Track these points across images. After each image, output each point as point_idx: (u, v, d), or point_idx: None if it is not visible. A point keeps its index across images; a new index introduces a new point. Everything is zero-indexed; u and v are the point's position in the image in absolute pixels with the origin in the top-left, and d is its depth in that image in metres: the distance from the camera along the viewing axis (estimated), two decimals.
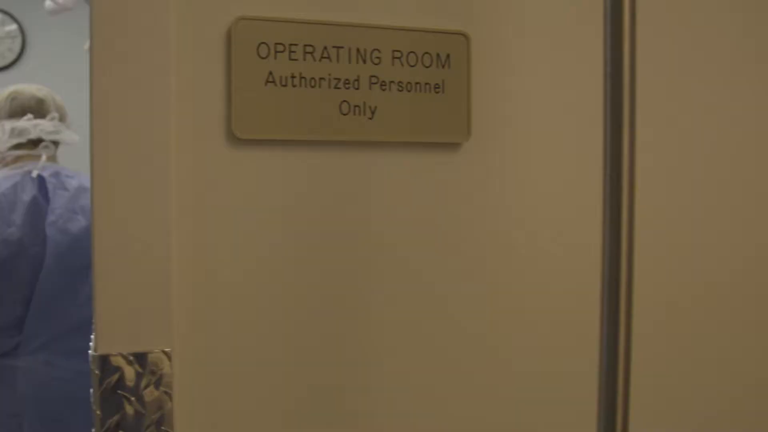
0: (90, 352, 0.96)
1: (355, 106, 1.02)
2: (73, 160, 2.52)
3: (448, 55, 1.06)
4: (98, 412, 0.94)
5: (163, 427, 0.96)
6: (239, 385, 1.01)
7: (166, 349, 0.95)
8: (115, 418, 0.94)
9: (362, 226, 1.05)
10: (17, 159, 2.36)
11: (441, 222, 1.08)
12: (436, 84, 1.05)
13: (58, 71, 4.26)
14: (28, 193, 2.28)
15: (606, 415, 0.72)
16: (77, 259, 2.30)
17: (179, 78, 0.97)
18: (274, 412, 1.03)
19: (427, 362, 1.09)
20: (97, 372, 0.94)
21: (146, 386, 0.95)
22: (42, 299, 2.26)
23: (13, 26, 5.13)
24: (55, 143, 2.40)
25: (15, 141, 2.33)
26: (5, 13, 5.13)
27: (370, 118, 1.03)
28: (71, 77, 2.69)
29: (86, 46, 2.57)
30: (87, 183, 2.38)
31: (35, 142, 2.36)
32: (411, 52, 1.04)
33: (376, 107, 1.03)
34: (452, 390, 1.10)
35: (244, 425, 1.02)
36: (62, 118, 2.41)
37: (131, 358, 0.94)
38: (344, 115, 1.02)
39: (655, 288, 1.17)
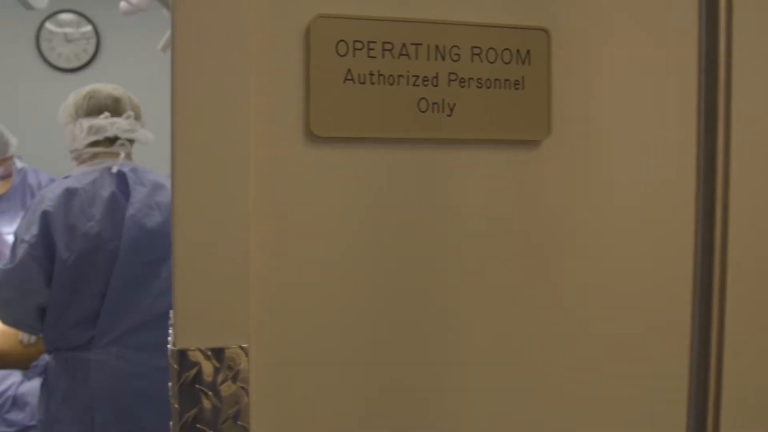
0: (169, 346, 0.97)
1: (434, 103, 1.01)
2: (144, 158, 2.56)
3: (528, 51, 1.04)
4: (176, 406, 0.95)
5: (239, 422, 0.96)
6: (314, 382, 1.01)
7: (243, 345, 0.95)
8: (193, 411, 0.95)
9: (440, 225, 1.03)
10: (94, 156, 2.40)
11: (519, 220, 1.06)
12: (516, 81, 1.03)
13: (131, 71, 4.33)
14: (106, 189, 2.32)
15: (696, 416, 0.69)
16: (151, 253, 2.34)
17: (258, 76, 0.97)
18: (349, 410, 1.02)
19: (506, 362, 1.07)
20: (175, 366, 0.94)
21: (223, 381, 0.95)
22: (116, 293, 2.29)
23: (88, 27, 5.23)
24: (130, 141, 2.44)
25: (92, 138, 2.37)
26: (80, 15, 5.24)
27: (449, 116, 1.02)
28: (144, 77, 2.73)
29: (159, 45, 2.63)
30: (162, 180, 2.42)
31: (111, 140, 2.40)
32: (490, 48, 1.03)
33: (454, 104, 1.02)
34: (533, 391, 1.08)
35: (318, 421, 1.01)
36: (137, 117, 2.45)
37: (209, 353, 0.94)
38: (423, 112, 1.01)
39: (749, 290, 1.12)
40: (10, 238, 3.31)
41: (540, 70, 1.04)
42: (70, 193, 2.28)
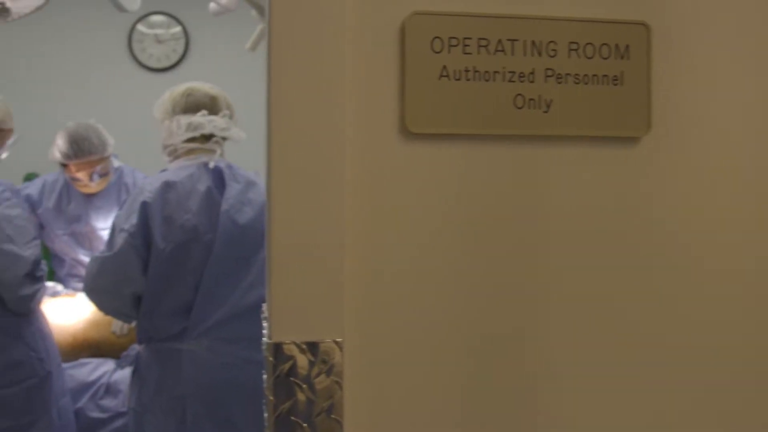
0: (264, 339, 0.97)
1: (530, 99, 0.99)
2: (230, 155, 2.60)
3: (627, 46, 1.01)
4: (271, 398, 0.95)
5: (332, 416, 0.95)
6: (406, 378, 1.00)
7: (338, 339, 0.95)
8: (287, 404, 0.95)
9: (534, 223, 1.01)
10: (189, 152, 2.45)
11: (617, 219, 1.03)
12: (615, 76, 1.01)
13: (219, 70, 4.40)
14: (203, 184, 2.36)
15: None
16: (243, 248, 2.38)
17: (354, 73, 0.96)
18: (441, 407, 1.01)
19: (602, 364, 1.04)
20: (271, 359, 0.94)
21: (317, 374, 0.95)
22: (209, 285, 2.34)
23: (178, 28, 5.34)
24: (224, 139, 2.48)
25: (189, 135, 2.42)
26: (170, 16, 5.34)
27: (545, 112, 1.00)
28: (232, 76, 2.76)
29: (248, 45, 2.66)
30: (254, 177, 2.46)
31: (207, 137, 2.45)
32: (588, 43, 1.00)
33: (551, 101, 1.00)
34: (629, 393, 1.05)
35: (410, 417, 1.00)
36: (231, 116, 2.49)
37: (304, 346, 0.94)
38: (519, 108, 0.99)
39: None
40: (105, 234, 3.39)
41: (639, 66, 1.01)
42: (168, 186, 2.33)
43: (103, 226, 3.41)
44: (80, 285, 3.41)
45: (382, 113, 0.97)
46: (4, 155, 2.81)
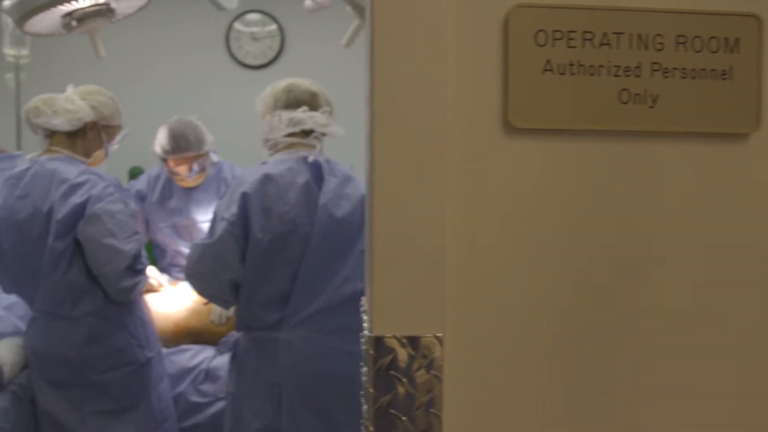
0: (365, 332, 0.96)
1: (636, 94, 0.96)
2: (327, 150, 2.61)
3: (737, 39, 0.96)
4: (371, 391, 0.94)
5: (432, 410, 0.94)
6: (506, 374, 0.98)
7: (438, 334, 0.93)
8: (387, 397, 0.94)
9: (637, 221, 0.98)
10: (289, 146, 2.48)
11: (724, 218, 0.99)
12: (724, 70, 0.96)
13: (315, 67, 4.43)
14: (302, 177, 2.39)
15: None
16: (340, 242, 2.40)
17: (456, 67, 0.94)
18: (540, 406, 0.99)
19: (707, 366, 1.00)
20: (371, 352, 0.94)
21: (418, 369, 0.94)
22: (306, 277, 2.37)
23: (274, 26, 5.40)
24: (323, 135, 2.50)
25: (290, 130, 2.45)
26: (266, 14, 5.41)
27: (651, 107, 0.96)
28: (327, 72, 2.77)
29: (343, 41, 2.67)
30: (350, 172, 2.48)
31: (307, 133, 2.47)
32: (696, 36, 0.96)
33: (657, 95, 0.96)
34: (729, 398, 1.01)
35: (510, 414, 0.98)
36: (331, 112, 2.51)
37: (404, 340, 0.93)
38: (624, 104, 0.96)
39: None
40: (204, 226, 3.46)
41: (750, 59, 0.97)
42: (267, 178, 2.37)
43: (203, 219, 3.47)
44: (182, 275, 3.49)
45: (484, 108, 0.95)
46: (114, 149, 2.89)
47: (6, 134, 4.27)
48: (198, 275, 2.48)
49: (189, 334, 3.17)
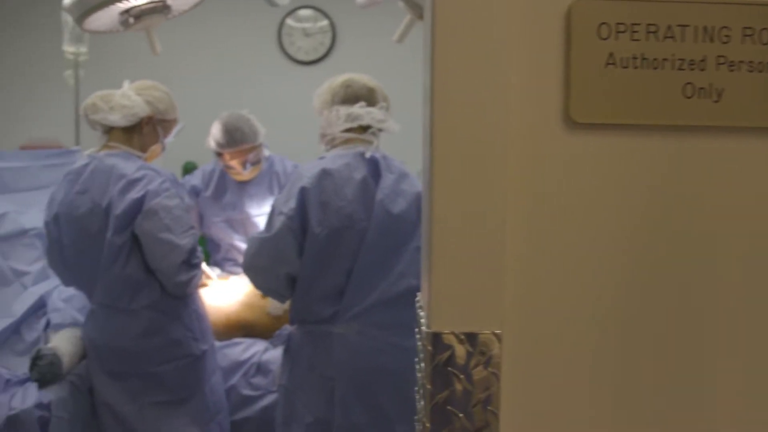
0: (423, 328, 0.95)
1: (700, 88, 0.93)
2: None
3: None
4: (429, 387, 0.93)
5: (489, 408, 0.93)
6: (565, 373, 0.96)
7: (497, 331, 0.92)
8: (445, 393, 0.93)
9: (703, 218, 0.95)
10: (347, 141, 2.48)
11: None
12: None
13: (366, 62, 4.43)
14: (359, 173, 2.39)
15: None
16: (396, 238, 2.40)
17: (517, 61, 0.93)
18: (599, 404, 0.97)
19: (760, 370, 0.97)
20: (429, 348, 0.92)
21: (476, 366, 0.92)
22: (362, 272, 2.37)
23: (325, 22, 5.41)
24: (380, 130, 2.50)
25: (348, 125, 2.45)
26: (318, 10, 5.42)
27: (716, 102, 0.93)
28: (378, 68, 2.77)
29: (395, 36, 2.65)
30: (405, 169, 2.47)
31: (364, 128, 2.47)
32: (764, 28, 0.93)
33: (723, 89, 0.93)
34: None
35: (568, 413, 0.97)
36: (387, 108, 2.50)
37: (462, 337, 0.92)
38: (688, 98, 0.93)
39: None
40: (257, 220, 3.48)
41: None
42: (325, 173, 2.37)
43: (256, 212, 3.50)
44: (236, 269, 3.52)
45: (545, 103, 0.94)
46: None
47: (65, 130, 4.34)
48: (255, 268, 2.49)
49: (241, 328, 3.19)
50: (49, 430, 2.57)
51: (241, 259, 3.48)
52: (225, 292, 3.28)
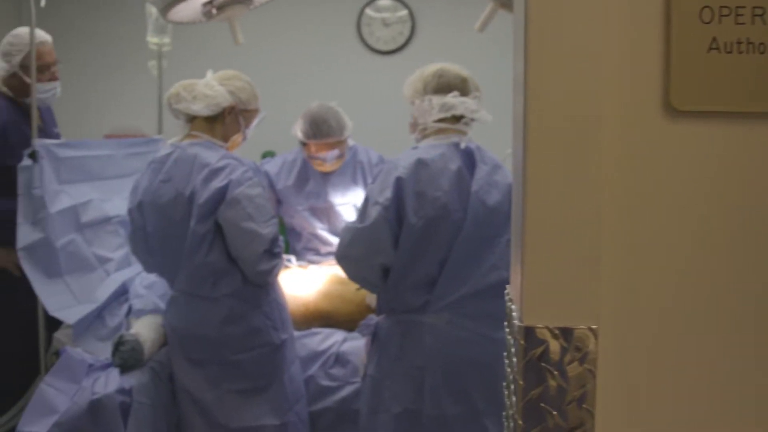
0: (514, 322, 0.93)
1: None
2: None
3: None
4: (521, 382, 0.91)
5: (584, 405, 0.90)
6: (664, 371, 0.92)
7: (593, 327, 0.89)
8: (538, 390, 0.90)
9: None
10: (439, 131, 2.47)
11: None
12: None
13: (445, 52, 4.39)
14: (454, 163, 2.38)
15: None
16: (490, 229, 2.39)
17: (615, 47, 0.90)
18: (701, 405, 0.93)
19: None
20: (522, 342, 0.90)
21: (570, 362, 0.90)
22: (455, 262, 2.37)
23: (404, 11, 5.39)
24: (472, 120, 2.48)
25: (441, 115, 2.44)
26: (397, 0, 5.40)
27: None
28: (457, 58, 2.73)
29: (477, 25, 2.62)
30: (498, 160, 2.45)
31: (457, 118, 2.45)
32: None
33: None
34: None
35: (667, 414, 0.93)
36: (480, 98, 2.48)
37: (557, 332, 0.89)
38: None
39: None
40: (340, 210, 3.49)
41: None
42: (421, 163, 2.37)
43: (340, 202, 3.51)
44: (316, 258, 3.53)
45: (644, 90, 0.90)
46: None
47: (148, 119, 4.42)
48: (349, 258, 2.50)
49: (319, 317, 3.21)
50: (130, 416, 2.61)
51: (322, 248, 3.51)
52: (304, 281, 3.29)
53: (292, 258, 3.49)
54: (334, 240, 3.54)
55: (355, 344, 3.06)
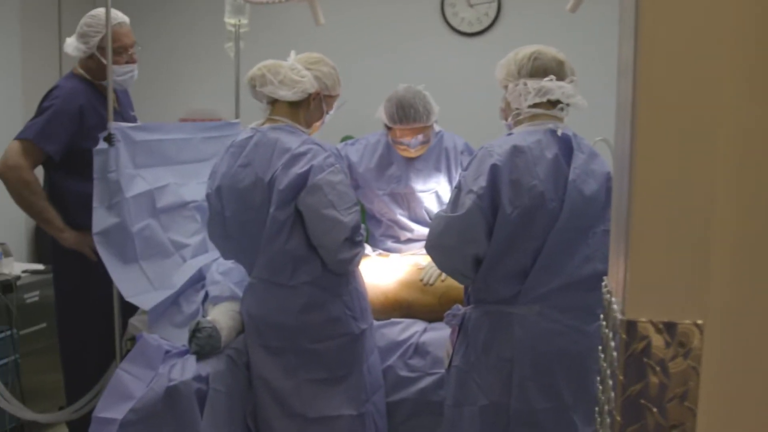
0: (616, 315, 0.94)
1: None
2: None
3: None
4: (621, 378, 0.92)
5: (686, 403, 0.91)
6: None
7: (698, 322, 0.89)
8: (638, 386, 0.91)
9: None
10: (533, 117, 2.45)
11: None
12: None
13: (532, 34, 4.38)
14: (550, 151, 2.37)
15: None
16: (585, 219, 2.37)
17: (732, 29, 0.89)
18: None
19: None
20: (623, 336, 0.91)
21: (673, 358, 0.90)
22: (549, 253, 2.36)
23: None
24: (567, 105, 2.46)
25: (537, 100, 2.42)
26: None
27: None
28: (545, 39, 2.71)
29: (569, 6, 2.59)
30: (591, 149, 2.43)
31: (552, 103, 2.44)
32: None
33: None
34: None
35: None
36: (576, 82, 2.45)
37: (660, 326, 0.90)
38: None
39: None
40: (423, 196, 3.49)
41: None
42: (517, 150, 2.36)
43: (422, 188, 3.51)
44: (395, 245, 3.55)
45: (762, 73, 0.90)
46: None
47: (225, 102, 4.49)
48: (441, 248, 2.49)
49: (399, 307, 3.21)
50: (206, 403, 2.66)
51: (402, 235, 3.51)
52: (384, 270, 3.31)
53: (369, 248, 3.51)
54: (415, 227, 3.55)
55: (435, 335, 3.07)
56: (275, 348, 2.79)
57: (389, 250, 3.56)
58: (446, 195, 3.49)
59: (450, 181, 3.51)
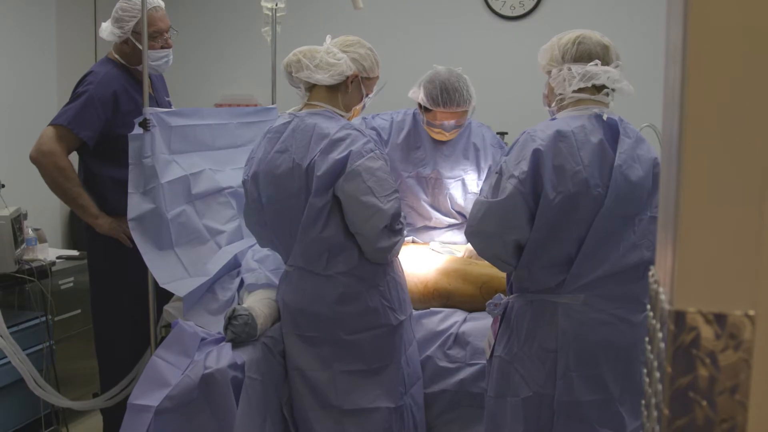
0: (664, 305, 0.93)
1: None
2: None
3: None
4: (669, 370, 0.91)
5: (736, 397, 0.90)
6: None
7: (750, 313, 0.89)
8: (687, 378, 0.91)
9: None
10: (578, 102, 2.44)
11: None
12: None
13: (576, 18, 4.35)
14: (595, 136, 2.36)
15: None
16: (631, 206, 2.36)
17: None
18: None
19: None
20: (671, 327, 0.91)
21: (723, 349, 0.89)
22: (594, 241, 2.35)
23: None
24: (613, 91, 2.44)
25: (582, 85, 2.41)
26: None
27: None
28: (589, 24, 2.69)
29: None
30: (638, 134, 2.43)
31: (597, 88, 2.43)
32: None
33: None
34: None
35: None
36: (621, 67, 2.44)
37: (710, 317, 0.89)
38: None
39: None
40: (449, 182, 3.48)
41: None
42: (560, 135, 2.35)
43: (449, 174, 3.48)
44: (410, 234, 3.52)
45: None
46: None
47: (262, 88, 4.50)
48: (481, 234, 2.47)
49: (438, 296, 3.21)
50: (242, 391, 2.68)
51: (418, 221, 3.50)
52: (423, 259, 3.31)
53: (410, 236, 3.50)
54: (435, 214, 3.53)
55: (476, 325, 3.07)
56: (311, 338, 2.80)
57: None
58: (472, 184, 3.48)
59: (478, 173, 3.49)
